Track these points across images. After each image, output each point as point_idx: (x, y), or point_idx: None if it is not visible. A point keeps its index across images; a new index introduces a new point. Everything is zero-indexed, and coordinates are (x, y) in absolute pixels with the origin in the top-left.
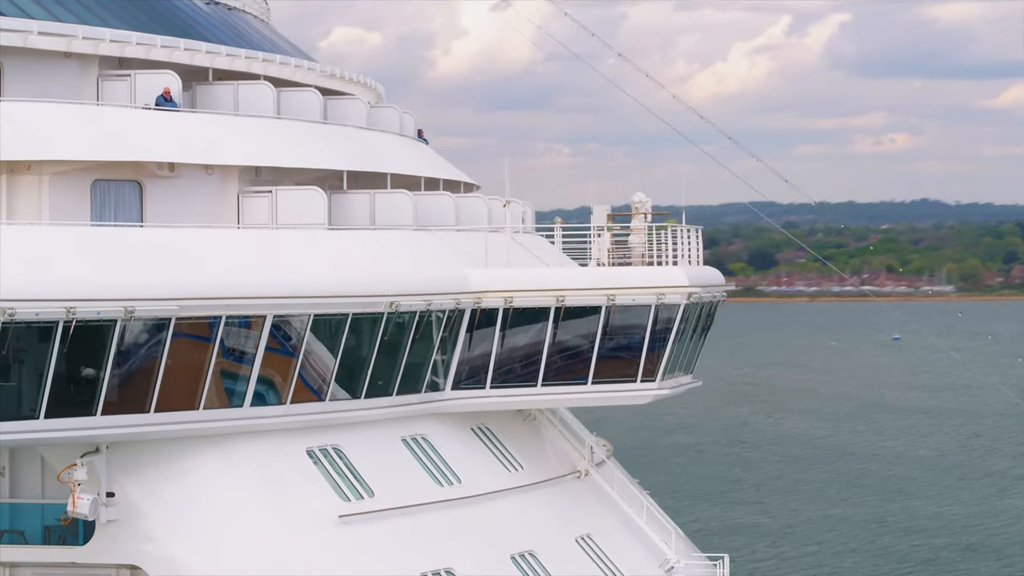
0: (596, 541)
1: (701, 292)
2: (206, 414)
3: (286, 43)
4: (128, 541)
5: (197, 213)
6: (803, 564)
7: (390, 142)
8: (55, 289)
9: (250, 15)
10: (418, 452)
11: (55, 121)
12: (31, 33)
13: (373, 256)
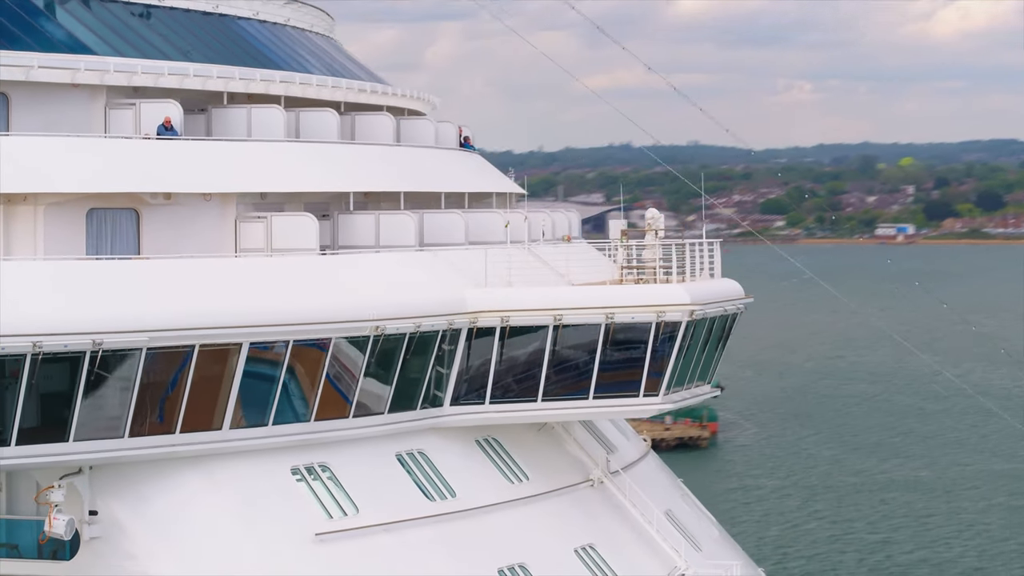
0: (599, 551)
1: (706, 308)
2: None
3: (349, 60)
4: (111, 557)
5: (195, 240)
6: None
7: (419, 157)
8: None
9: (312, 33)
10: (412, 467)
11: (48, 154)
12: (32, 67)
13: (361, 280)
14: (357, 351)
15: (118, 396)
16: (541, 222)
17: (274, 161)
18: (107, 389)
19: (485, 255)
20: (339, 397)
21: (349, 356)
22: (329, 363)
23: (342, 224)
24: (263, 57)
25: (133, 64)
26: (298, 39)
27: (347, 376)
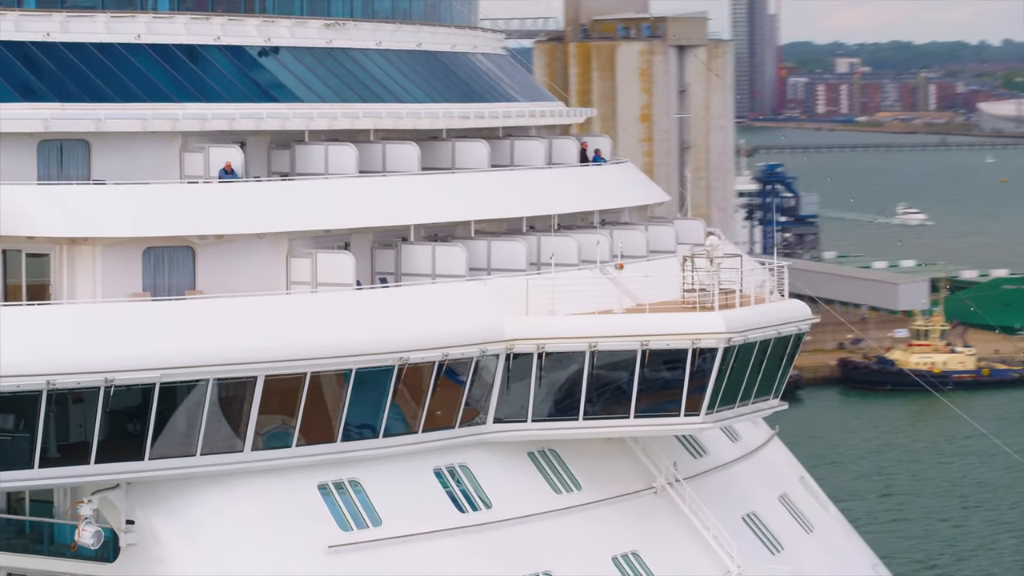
0: (643, 557)
1: (748, 334)
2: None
3: (518, 78)
4: (145, 562)
5: (249, 274)
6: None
7: (521, 179)
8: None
9: (478, 55)
10: (449, 481)
11: (105, 201)
12: (100, 119)
13: (395, 312)
14: (384, 379)
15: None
16: (639, 238)
17: (331, 198)
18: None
19: (526, 283)
20: (369, 418)
21: (376, 383)
22: (352, 390)
23: (404, 254)
24: (383, 89)
25: (203, 111)
26: (420, 66)
27: (376, 400)
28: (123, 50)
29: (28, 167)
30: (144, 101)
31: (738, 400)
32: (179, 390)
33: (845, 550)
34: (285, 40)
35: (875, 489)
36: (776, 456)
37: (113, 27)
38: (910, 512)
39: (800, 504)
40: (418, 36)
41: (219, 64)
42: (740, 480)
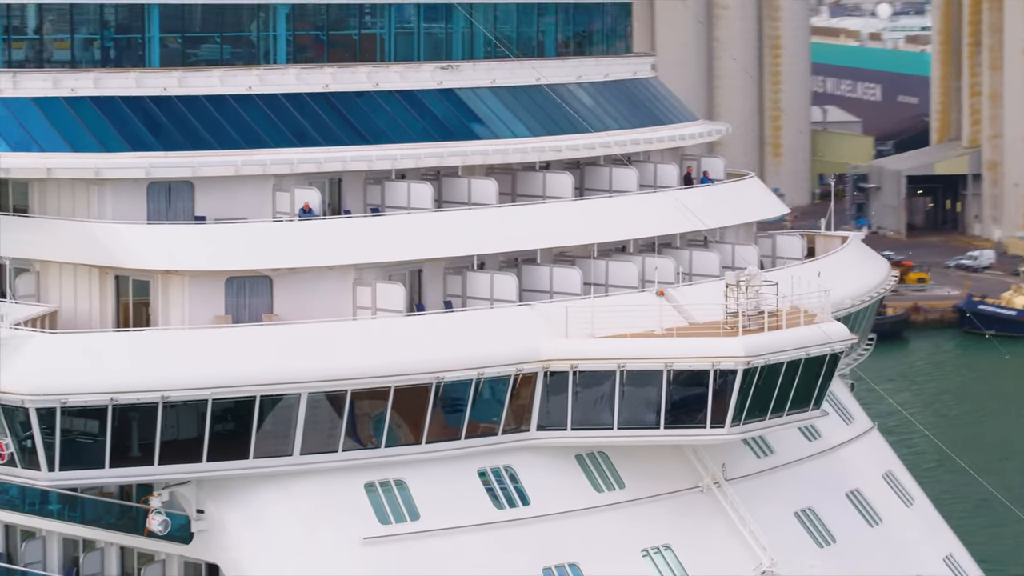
0: (676, 551)
1: (769, 357)
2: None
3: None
4: (213, 546)
5: (320, 301)
6: None
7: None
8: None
9: (628, 80)
10: (492, 480)
11: (190, 239)
12: (195, 167)
13: (436, 335)
14: (423, 395)
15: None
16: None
17: (388, 233)
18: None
19: (566, 309)
20: (411, 426)
21: (416, 399)
22: (392, 403)
23: (470, 281)
24: (481, 127)
25: (293, 156)
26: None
27: (418, 411)
28: (232, 100)
29: (139, 205)
30: (241, 147)
31: (769, 413)
32: (276, 402)
33: (913, 542)
34: (395, 84)
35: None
36: (862, 451)
37: (227, 80)
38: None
39: (872, 498)
40: (540, 71)
41: (320, 110)
42: (804, 477)
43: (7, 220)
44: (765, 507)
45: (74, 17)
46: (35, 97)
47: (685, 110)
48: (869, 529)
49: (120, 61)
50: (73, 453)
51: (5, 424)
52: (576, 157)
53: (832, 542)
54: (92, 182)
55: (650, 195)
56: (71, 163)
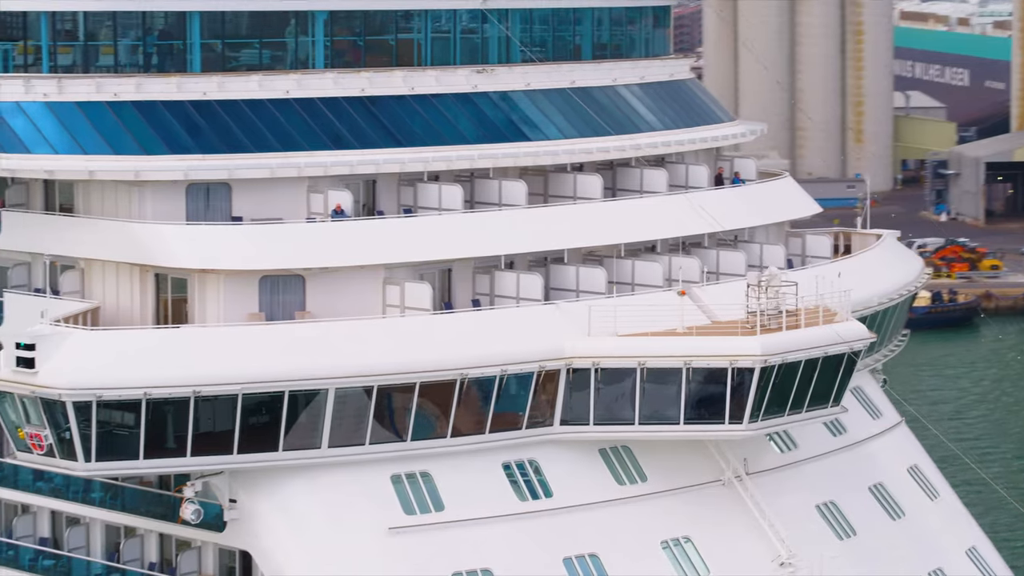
0: (695, 542)
1: (786, 355)
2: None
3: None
4: (244, 534)
5: (351, 298)
6: None
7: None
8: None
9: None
10: (516, 473)
11: (225, 239)
12: (232, 169)
13: (461, 333)
14: (449, 391)
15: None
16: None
17: (415, 234)
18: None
19: (588, 308)
20: (436, 420)
21: (442, 394)
22: (417, 400)
23: (497, 280)
24: (513, 130)
25: (324, 160)
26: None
27: (443, 407)
28: (269, 105)
29: (178, 206)
30: (277, 150)
31: (787, 409)
32: (304, 397)
33: (935, 535)
34: (430, 88)
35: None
36: (888, 446)
37: (266, 84)
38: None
39: (896, 492)
40: (572, 75)
41: (356, 114)
42: (827, 471)
43: (54, 219)
44: (786, 500)
45: (118, 24)
46: (79, 101)
47: (722, 111)
48: (891, 522)
49: (163, 66)
50: (108, 444)
51: (44, 416)
52: (607, 159)
53: (853, 535)
54: (133, 183)
55: (671, 196)
56: (112, 165)
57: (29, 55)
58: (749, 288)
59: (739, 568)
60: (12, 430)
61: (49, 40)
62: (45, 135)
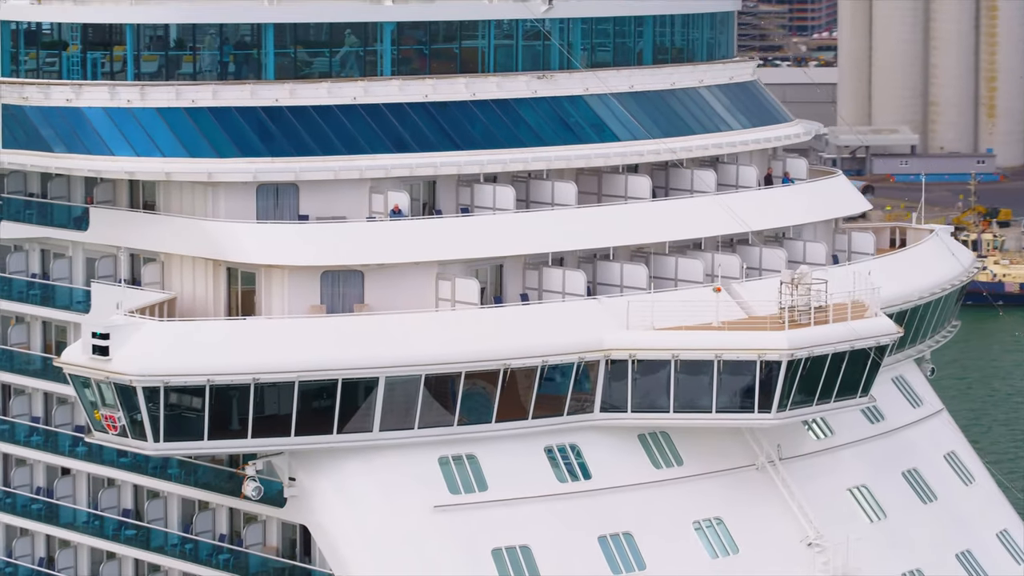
0: (725, 523)
1: (812, 349)
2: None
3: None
4: (302, 510)
5: (407, 293)
6: None
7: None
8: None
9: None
10: (557, 456)
11: (289, 237)
12: (298, 171)
13: (508, 326)
14: (492, 379)
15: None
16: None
17: (465, 233)
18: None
19: (627, 304)
20: (481, 406)
21: (485, 382)
22: (463, 387)
23: (545, 275)
24: (568, 133)
25: (385, 163)
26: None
27: (486, 394)
28: (337, 110)
29: (249, 205)
30: (341, 154)
31: (816, 399)
32: (357, 384)
33: (966, 519)
34: (492, 93)
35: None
36: (926, 433)
37: (335, 91)
38: None
39: (929, 477)
40: (631, 79)
41: (419, 119)
42: (862, 457)
43: (136, 216)
44: (819, 484)
45: (198, 34)
46: (159, 107)
47: (780, 111)
48: (922, 505)
49: (239, 74)
50: (175, 426)
51: (118, 400)
52: (657, 160)
53: (883, 517)
54: (207, 184)
55: (707, 198)
56: (187, 167)
57: (116, 63)
58: (782, 285)
59: (768, 548)
60: (90, 411)
61: (134, 50)
62: (127, 138)
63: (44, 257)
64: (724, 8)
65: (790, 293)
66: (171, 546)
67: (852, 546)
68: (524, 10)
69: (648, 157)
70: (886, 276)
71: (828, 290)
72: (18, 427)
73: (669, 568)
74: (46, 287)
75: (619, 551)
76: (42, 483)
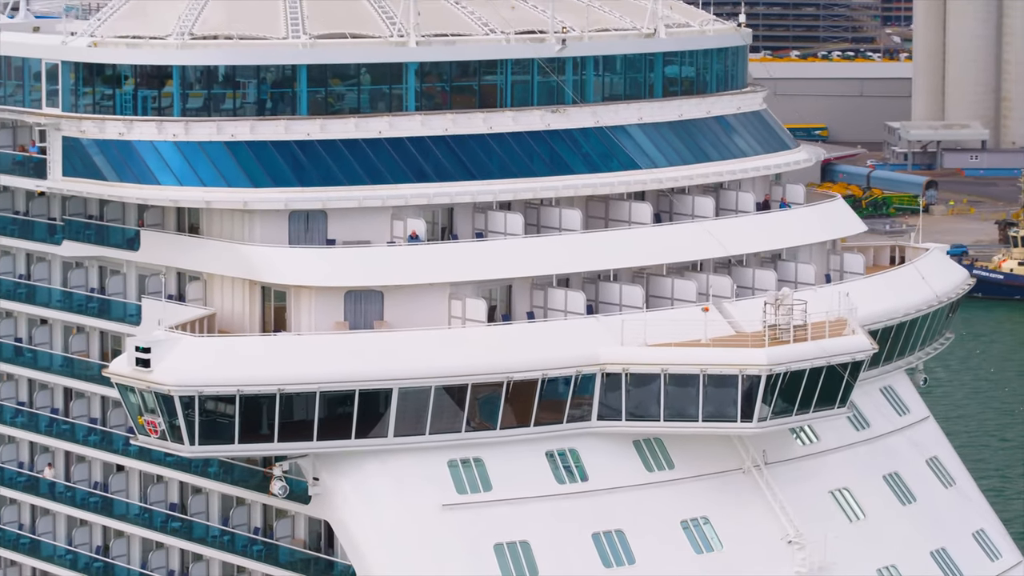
0: (711, 522)
1: (790, 365)
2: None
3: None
4: (324, 507)
5: (424, 311)
6: None
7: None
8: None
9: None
10: (556, 460)
11: (315, 261)
12: (325, 200)
13: (511, 342)
14: (496, 391)
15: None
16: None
17: (475, 257)
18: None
19: (621, 322)
20: (489, 414)
21: (492, 393)
22: (470, 395)
23: (549, 295)
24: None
25: (405, 192)
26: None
27: (494, 403)
28: (363, 144)
29: (282, 230)
30: (366, 183)
31: (795, 410)
32: (373, 394)
33: (943, 519)
34: (507, 127)
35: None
36: (910, 439)
37: (362, 125)
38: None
39: (910, 480)
40: (640, 112)
41: (439, 151)
42: (845, 461)
43: (181, 239)
44: (801, 487)
45: (238, 74)
46: (201, 141)
47: (788, 137)
48: (901, 507)
49: (275, 110)
50: (209, 431)
51: (158, 407)
52: (658, 188)
53: (863, 517)
54: (244, 211)
55: (697, 224)
56: (225, 196)
57: (164, 99)
58: (765, 305)
59: (751, 545)
60: (134, 417)
61: (180, 88)
62: (172, 169)
63: (101, 273)
64: (733, 44)
65: (773, 312)
66: (211, 537)
67: (830, 544)
68: (539, 50)
69: (651, 185)
70: (872, 295)
71: (807, 310)
72: (78, 427)
73: (656, 563)
74: (103, 301)
75: (611, 547)
76: (99, 478)
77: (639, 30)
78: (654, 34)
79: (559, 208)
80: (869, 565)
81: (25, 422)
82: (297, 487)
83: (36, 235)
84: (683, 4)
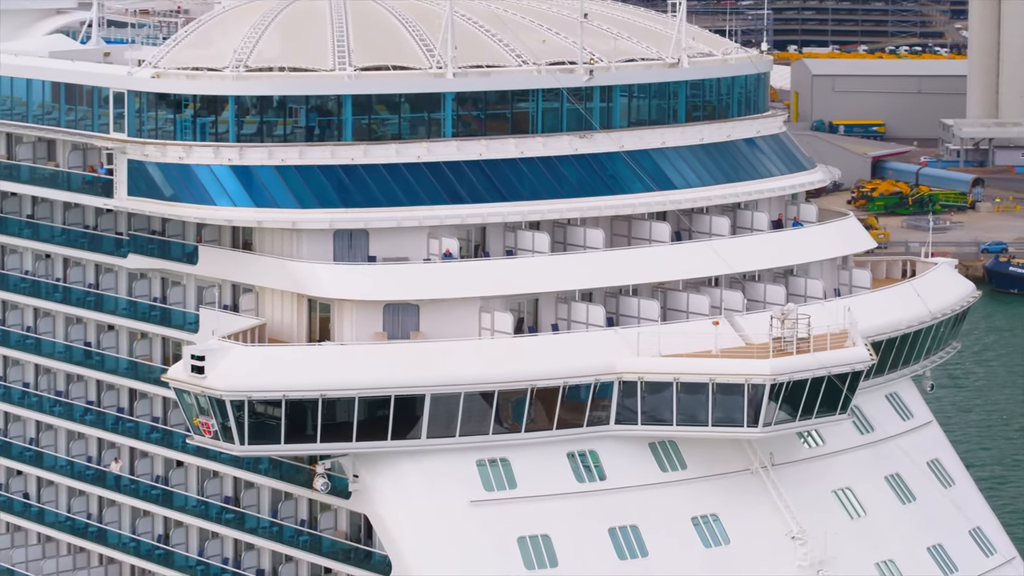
0: (720, 519)
1: (793, 375)
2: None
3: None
4: (363, 502)
5: (456, 324)
6: None
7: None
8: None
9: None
10: (577, 460)
11: (357, 276)
12: (366, 221)
13: (534, 351)
14: (522, 398)
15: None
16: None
17: (503, 274)
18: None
19: (638, 334)
20: (513, 418)
21: (516, 400)
22: (497, 401)
23: (572, 309)
24: (601, 185)
25: (441, 213)
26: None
27: (519, 408)
28: (403, 168)
29: (327, 248)
30: (404, 205)
31: (798, 416)
32: (407, 400)
33: (941, 517)
34: (538, 151)
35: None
36: (912, 442)
37: (402, 151)
38: None
39: (911, 480)
40: (663, 137)
41: (472, 174)
42: (849, 463)
43: (236, 254)
44: (806, 486)
45: (288, 103)
46: (254, 165)
47: (805, 159)
48: (900, 505)
49: (323, 136)
50: (258, 431)
51: (211, 410)
52: (677, 209)
53: (863, 514)
54: (292, 230)
55: (706, 243)
56: (274, 216)
57: (221, 126)
58: (771, 319)
59: (756, 540)
60: (189, 418)
61: (235, 116)
62: (227, 191)
63: (163, 284)
64: (753, 71)
65: (779, 326)
66: (262, 528)
67: (830, 539)
68: (568, 80)
69: (670, 206)
70: (876, 309)
71: (811, 323)
72: (141, 426)
73: (668, 556)
74: (164, 310)
75: (626, 541)
76: (160, 472)
77: (663, 60)
78: (678, 64)
79: (584, 227)
80: (868, 560)
81: (94, 420)
82: (338, 483)
83: (104, 248)
84: (708, 33)
